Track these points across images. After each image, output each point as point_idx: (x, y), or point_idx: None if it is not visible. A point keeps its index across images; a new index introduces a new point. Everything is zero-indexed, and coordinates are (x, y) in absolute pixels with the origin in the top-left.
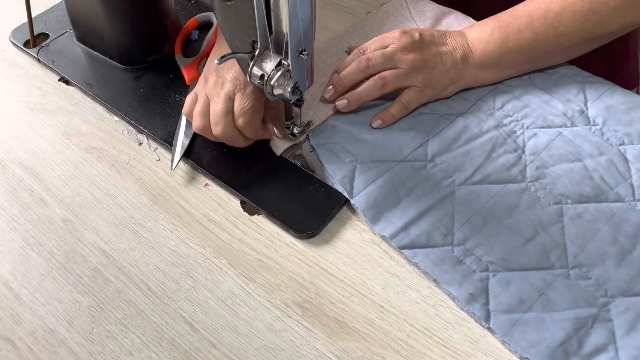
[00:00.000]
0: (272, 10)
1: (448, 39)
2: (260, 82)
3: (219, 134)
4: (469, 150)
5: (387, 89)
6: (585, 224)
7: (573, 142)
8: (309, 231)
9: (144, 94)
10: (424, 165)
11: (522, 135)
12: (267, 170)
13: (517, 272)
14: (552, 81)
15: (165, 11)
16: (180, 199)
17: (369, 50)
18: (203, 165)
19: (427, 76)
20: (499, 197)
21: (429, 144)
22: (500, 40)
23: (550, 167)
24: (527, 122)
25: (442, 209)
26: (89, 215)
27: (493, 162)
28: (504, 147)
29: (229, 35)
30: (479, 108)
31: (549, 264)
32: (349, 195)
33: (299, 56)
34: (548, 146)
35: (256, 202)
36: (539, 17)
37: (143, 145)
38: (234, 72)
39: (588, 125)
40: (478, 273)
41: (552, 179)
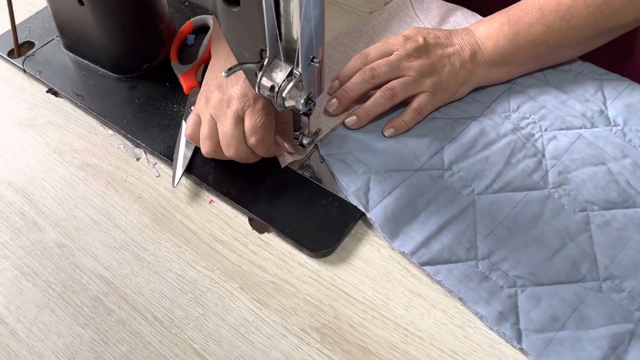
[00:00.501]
0: (283, 15)
1: (454, 38)
2: (270, 94)
3: (233, 155)
4: (487, 157)
5: (397, 99)
6: (614, 232)
7: (595, 145)
8: (323, 249)
9: (140, 105)
10: (441, 174)
11: (541, 139)
12: (276, 184)
13: (546, 287)
14: (568, 79)
15: (159, 15)
16: (184, 218)
17: (371, 56)
18: (207, 180)
19: (436, 80)
20: (522, 205)
21: (444, 151)
22: (511, 36)
23: (573, 171)
24: (545, 124)
25: (464, 221)
26: (87, 239)
27: (513, 168)
28: (524, 152)
29: (235, 44)
30: (493, 110)
31: (580, 277)
32: (364, 209)
33: (309, 64)
34: (569, 149)
35: (265, 219)
36: (551, 10)
37: (141, 160)
38: (240, 88)
39: (609, 126)
40: (506, 289)
41: (575, 185)
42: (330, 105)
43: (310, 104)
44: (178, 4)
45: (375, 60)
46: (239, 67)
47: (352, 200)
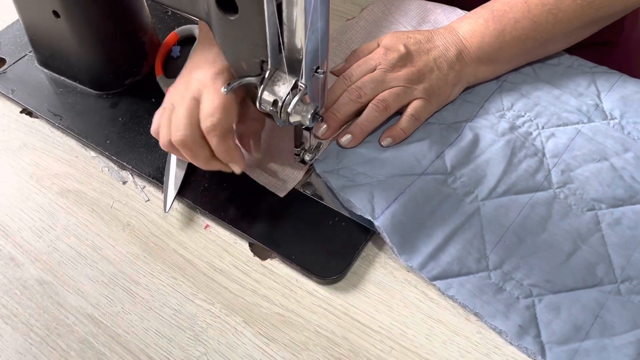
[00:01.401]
0: (285, 23)
1: (437, 40)
2: (273, 109)
3: (178, 141)
4: (488, 159)
5: (390, 110)
6: (626, 231)
7: (594, 140)
8: (333, 275)
9: (124, 124)
10: (444, 179)
11: (539, 137)
12: (277, 205)
13: (564, 294)
14: (558, 74)
15: (141, 26)
16: (178, 246)
17: (354, 77)
18: (201, 203)
19: (427, 86)
20: (528, 208)
21: (445, 155)
22: (497, 32)
23: (576, 169)
24: (542, 121)
25: (470, 230)
26: (71, 274)
27: (515, 169)
28: (524, 151)
29: (231, 55)
30: (487, 110)
31: (597, 281)
32: (371, 216)
33: (313, 75)
34: (569, 146)
35: (268, 244)
36: (537, 4)
37: (128, 183)
38: (202, 71)
39: (606, 119)
40: (522, 300)
41: (580, 183)
42: (319, 130)
43: (317, 118)
44: (160, 14)
45: (359, 79)
46: (238, 82)
47: (357, 210)
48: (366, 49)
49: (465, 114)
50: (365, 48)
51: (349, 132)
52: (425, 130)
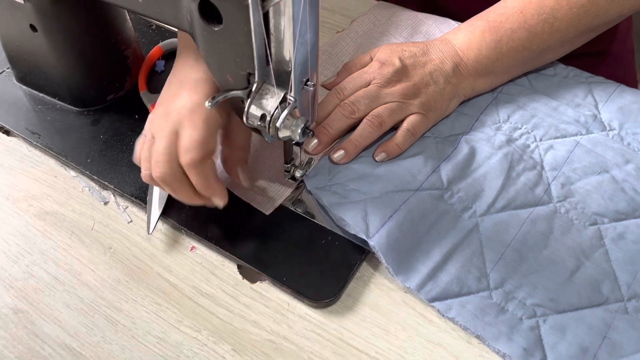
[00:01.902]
0: (273, 33)
1: (432, 52)
2: (261, 124)
3: (158, 176)
4: (485, 173)
5: (385, 126)
6: (630, 246)
7: (594, 152)
8: (327, 298)
9: (106, 141)
10: (441, 194)
11: (537, 149)
12: (266, 224)
13: (569, 314)
14: (554, 84)
15: (124, 40)
16: (162, 270)
17: (347, 90)
18: (187, 224)
19: (424, 100)
20: (529, 224)
21: (441, 170)
22: (494, 43)
23: (576, 182)
24: (539, 133)
25: (469, 247)
26: (48, 302)
27: (514, 182)
28: (522, 165)
29: (217, 68)
30: (483, 123)
31: (602, 299)
32: (365, 235)
33: (303, 87)
34: (568, 159)
35: (257, 266)
36: (533, 14)
37: (110, 204)
38: (182, 100)
39: (604, 131)
40: (525, 320)
41: (581, 197)
42: (309, 145)
43: (307, 133)
44: (144, 28)
45: (352, 93)
46: (223, 96)
47: (350, 228)
48: (358, 62)
49: (460, 126)
50: (358, 61)
51: (342, 148)
52: (420, 144)
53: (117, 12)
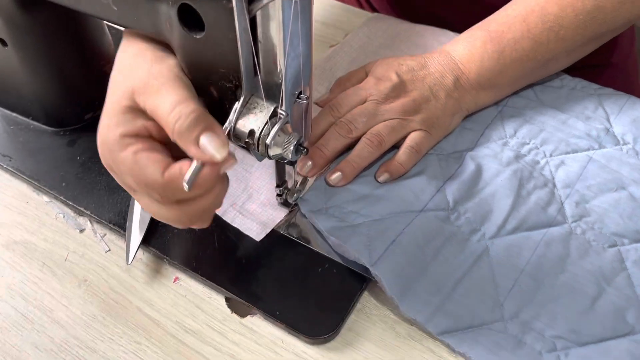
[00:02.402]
0: (261, 41)
1: (431, 65)
2: (249, 141)
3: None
4: (494, 192)
5: (385, 145)
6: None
7: (608, 167)
8: (325, 333)
9: (83, 163)
10: (446, 215)
11: (547, 166)
12: (257, 252)
13: (593, 346)
14: (562, 97)
15: (102, 54)
16: (142, 304)
17: (343, 108)
18: (170, 252)
19: (425, 116)
20: (543, 246)
21: (446, 189)
22: (496, 55)
23: (592, 200)
24: (549, 148)
25: (479, 273)
26: (14, 342)
27: (525, 202)
28: (532, 182)
29: (200, 81)
30: (488, 138)
31: (628, 329)
32: (367, 262)
33: (295, 101)
34: (582, 175)
35: (247, 298)
36: (536, 23)
37: (86, 232)
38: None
39: (618, 145)
40: (545, 355)
41: (598, 216)
42: (303, 167)
43: (301, 151)
44: None
45: (348, 111)
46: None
47: (350, 255)
48: (352, 77)
49: (465, 142)
50: (352, 76)
51: (339, 169)
52: (422, 162)
53: (94, 24)
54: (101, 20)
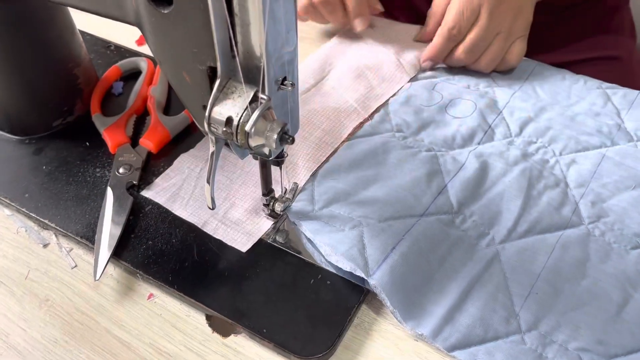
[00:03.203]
0: (237, 14)
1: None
2: (226, 130)
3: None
4: (502, 193)
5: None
6: None
7: (624, 164)
8: (319, 352)
9: (49, 173)
10: (451, 219)
11: (558, 165)
12: (241, 264)
13: (622, 358)
14: (566, 93)
15: (72, 57)
16: (111, 325)
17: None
18: (143, 266)
19: None
20: (559, 250)
21: (449, 190)
22: None
23: (609, 200)
24: (558, 147)
25: (491, 281)
26: None
27: (536, 203)
28: (542, 182)
29: (170, 66)
30: (491, 136)
31: None
32: (364, 273)
33: (279, 88)
34: (596, 173)
35: (231, 315)
36: None
37: (50, 246)
38: None
39: (632, 141)
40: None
41: (617, 216)
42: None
43: (287, 141)
44: (101, 49)
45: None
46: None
47: (345, 264)
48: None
49: (466, 140)
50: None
51: None
52: (422, 159)
53: (62, 22)
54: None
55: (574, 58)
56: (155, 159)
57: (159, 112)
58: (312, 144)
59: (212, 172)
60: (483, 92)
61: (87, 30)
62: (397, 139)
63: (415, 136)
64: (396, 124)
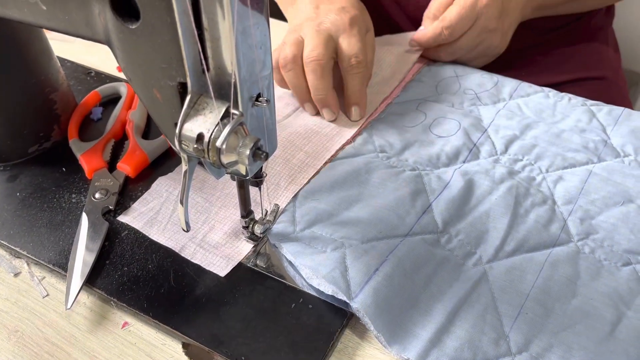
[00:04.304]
0: (206, 28)
1: None
2: (197, 147)
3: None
4: (488, 211)
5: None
6: None
7: (612, 180)
8: None
9: (23, 199)
10: (436, 239)
11: (545, 182)
12: (219, 289)
13: None
14: (551, 110)
15: (49, 81)
16: (83, 356)
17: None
18: (117, 294)
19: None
20: (548, 268)
21: (434, 209)
22: None
23: (597, 216)
24: (544, 164)
25: (479, 302)
26: None
27: (523, 221)
28: (529, 199)
29: (140, 83)
30: (477, 155)
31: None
32: (346, 296)
33: (253, 104)
34: (583, 190)
35: (208, 342)
36: None
37: (22, 275)
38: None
39: (619, 157)
40: None
41: (607, 232)
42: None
43: (260, 157)
44: (82, 75)
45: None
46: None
47: (325, 287)
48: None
49: (451, 158)
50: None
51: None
52: (405, 178)
53: (39, 46)
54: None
55: (560, 79)
56: (134, 183)
57: (137, 136)
58: (294, 166)
59: (185, 192)
60: (467, 111)
61: (68, 58)
62: (381, 159)
63: (399, 156)
64: (379, 145)
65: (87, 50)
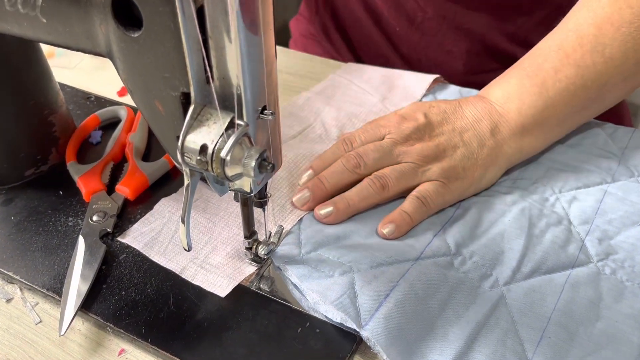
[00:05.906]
0: (211, 36)
1: (466, 110)
2: (201, 159)
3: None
4: (502, 232)
5: (388, 191)
6: None
7: (628, 200)
8: None
9: (18, 223)
10: (449, 261)
11: (559, 202)
12: (221, 313)
13: None
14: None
15: (48, 103)
16: None
17: (357, 142)
18: (114, 319)
19: (446, 165)
20: (569, 290)
21: (445, 233)
22: (537, 88)
23: (616, 236)
24: (557, 185)
25: (498, 326)
26: None
27: (539, 241)
28: (544, 220)
29: (141, 95)
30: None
31: None
32: (356, 324)
33: (259, 117)
34: (599, 209)
35: None
36: (573, 47)
37: (14, 301)
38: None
39: (633, 177)
40: None
41: (627, 253)
42: (300, 199)
43: (266, 168)
44: (81, 99)
45: (362, 145)
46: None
47: (334, 315)
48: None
49: None
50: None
51: (332, 203)
52: None
53: (38, 67)
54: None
55: None
56: (133, 205)
57: (137, 158)
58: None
59: (186, 209)
60: None
61: (68, 83)
62: None
63: None
64: None
65: (86, 75)
